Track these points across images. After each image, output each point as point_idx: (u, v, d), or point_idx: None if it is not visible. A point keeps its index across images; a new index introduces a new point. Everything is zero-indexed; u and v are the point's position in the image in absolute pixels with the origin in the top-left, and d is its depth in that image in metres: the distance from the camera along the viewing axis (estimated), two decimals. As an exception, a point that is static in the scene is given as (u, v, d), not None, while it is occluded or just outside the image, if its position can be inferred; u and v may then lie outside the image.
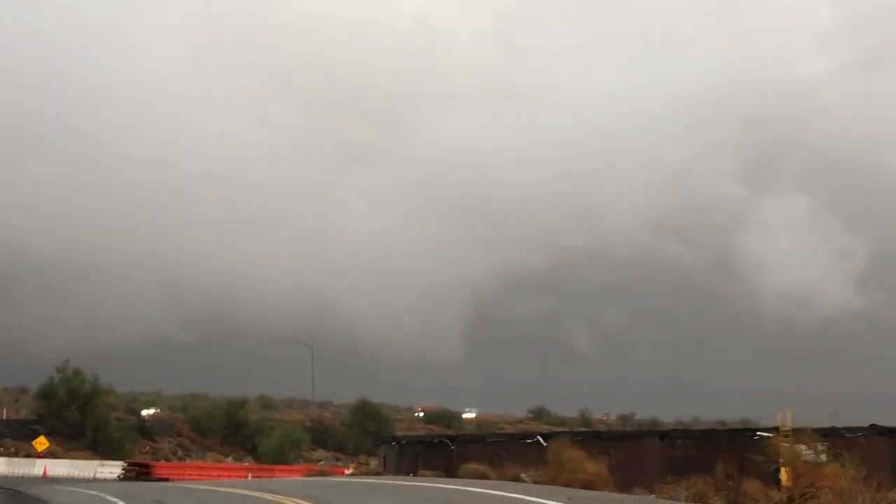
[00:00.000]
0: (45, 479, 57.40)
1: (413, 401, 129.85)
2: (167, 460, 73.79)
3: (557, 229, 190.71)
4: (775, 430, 44.65)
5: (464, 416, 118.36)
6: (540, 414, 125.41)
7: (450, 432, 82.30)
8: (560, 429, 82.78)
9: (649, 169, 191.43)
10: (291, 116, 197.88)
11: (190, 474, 60.76)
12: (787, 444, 41.00)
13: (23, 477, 59.06)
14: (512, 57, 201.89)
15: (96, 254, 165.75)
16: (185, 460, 75.86)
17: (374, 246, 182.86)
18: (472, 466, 41.73)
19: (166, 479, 57.97)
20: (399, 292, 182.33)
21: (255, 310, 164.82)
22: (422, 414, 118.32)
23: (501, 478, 37.99)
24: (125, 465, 63.53)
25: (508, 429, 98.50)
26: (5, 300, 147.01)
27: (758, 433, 45.89)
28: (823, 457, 36.73)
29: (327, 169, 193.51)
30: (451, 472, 44.30)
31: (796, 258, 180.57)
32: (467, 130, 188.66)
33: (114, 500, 33.15)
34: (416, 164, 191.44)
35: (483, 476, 38.81)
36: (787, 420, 44.87)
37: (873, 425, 48.14)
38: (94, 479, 58.68)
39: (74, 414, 76.46)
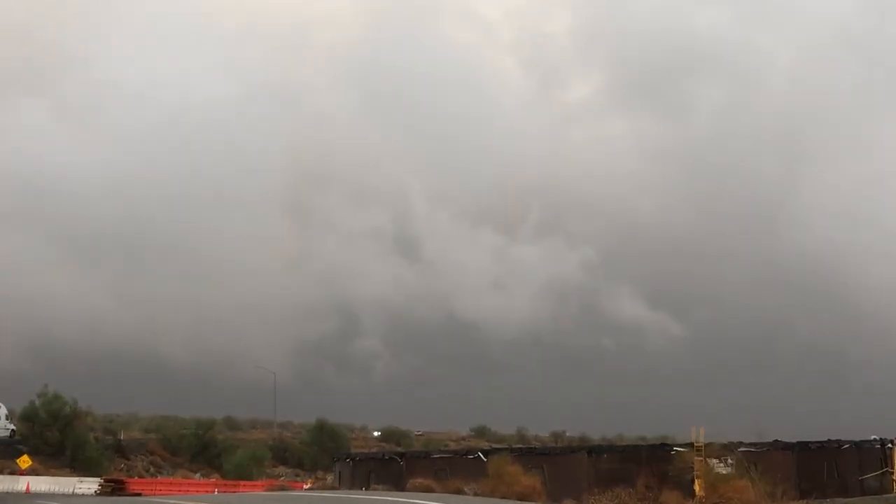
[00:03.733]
0: (28, 495, 56.83)
1: (367, 419, 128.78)
2: (140, 477, 72.73)
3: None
4: (690, 445, 45.01)
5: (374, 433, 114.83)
6: (481, 432, 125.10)
7: (399, 449, 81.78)
8: (499, 445, 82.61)
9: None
10: None
11: (161, 490, 60.18)
12: (699, 459, 41.35)
13: (7, 492, 58.30)
14: None
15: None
16: (157, 477, 74.92)
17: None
18: (419, 481, 41.45)
19: (139, 494, 57.32)
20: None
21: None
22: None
23: (446, 491, 37.80)
24: (102, 481, 62.83)
25: (452, 445, 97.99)
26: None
27: (674, 448, 46.16)
28: (733, 470, 37.07)
29: None
30: (399, 486, 44.03)
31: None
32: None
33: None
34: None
35: (429, 489, 38.59)
36: (700, 436, 45.25)
37: (776, 441, 48.61)
38: (73, 495, 58.04)
39: (55, 434, 75.85)
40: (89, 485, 61.98)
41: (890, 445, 50.15)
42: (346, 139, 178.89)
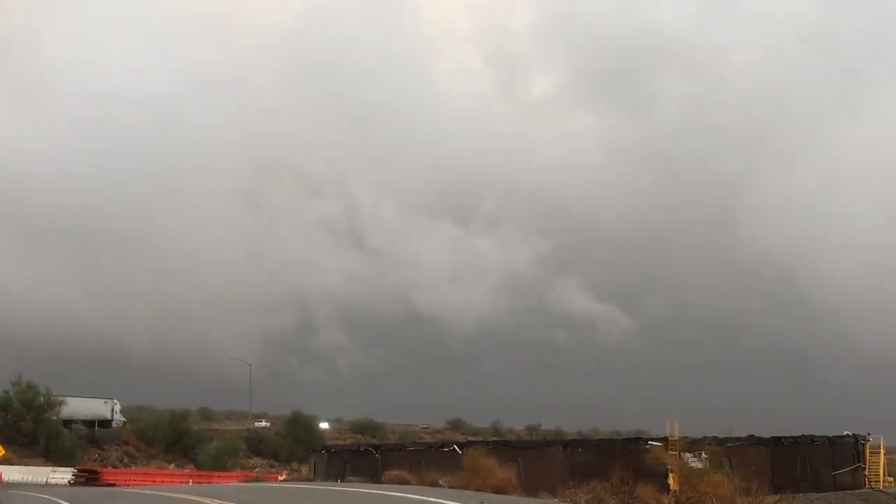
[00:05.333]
0: (2, 485, 56.41)
1: (342, 412, 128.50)
2: (115, 467, 72.30)
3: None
4: (665, 439, 45.10)
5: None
6: (457, 425, 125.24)
7: (375, 441, 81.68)
8: (474, 438, 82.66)
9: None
10: None
11: (135, 480, 59.91)
12: (674, 453, 41.45)
13: (-20, 482, 57.70)
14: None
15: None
16: (131, 467, 74.49)
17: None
18: (394, 473, 41.35)
19: (113, 485, 57.03)
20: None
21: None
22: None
23: (421, 483, 37.67)
24: (75, 471, 62.54)
25: (428, 438, 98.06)
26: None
27: (649, 442, 46.25)
28: (708, 464, 37.14)
29: None
30: (375, 478, 43.91)
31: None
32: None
33: (64, 503, 32.43)
34: None
35: (404, 482, 38.47)
36: (674, 430, 45.35)
37: (751, 435, 48.79)
38: (47, 485, 57.49)
39: (28, 424, 75.42)
40: (63, 475, 61.65)
41: (863, 441, 50.50)
42: (298, 132, 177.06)
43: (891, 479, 52.54)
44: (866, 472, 50.03)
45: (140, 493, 39.05)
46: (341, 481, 44.58)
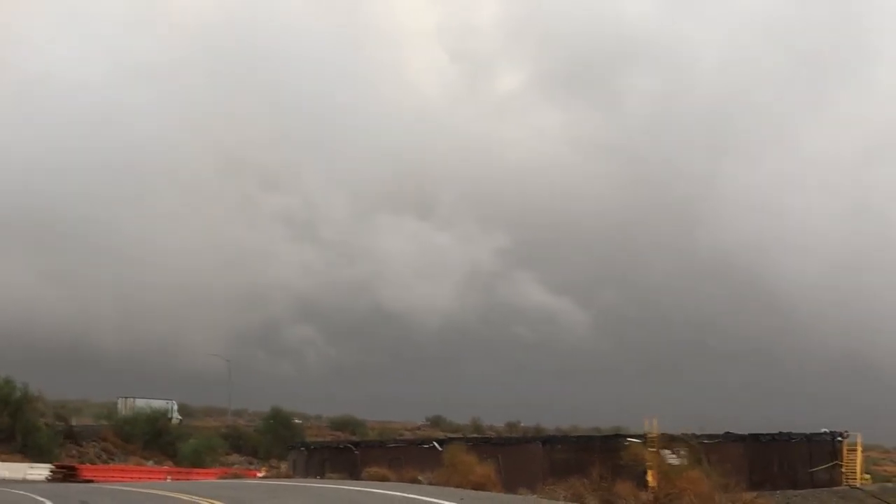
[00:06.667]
0: (-23, 481, 55.78)
1: (317, 408, 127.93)
2: (92, 464, 71.95)
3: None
4: (643, 436, 45.37)
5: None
6: (436, 421, 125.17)
7: (354, 438, 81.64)
8: (454, 435, 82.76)
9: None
10: None
11: (113, 476, 59.60)
12: (652, 450, 41.70)
13: (-45, 478, 57.24)
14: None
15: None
16: (109, 464, 74.16)
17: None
18: (374, 469, 41.37)
19: (91, 481, 56.66)
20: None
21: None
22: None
23: (401, 480, 37.75)
24: (53, 467, 62.11)
25: (408, 435, 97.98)
26: None
27: (628, 439, 46.53)
28: (686, 461, 37.38)
29: None
30: (354, 474, 43.96)
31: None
32: None
33: (42, 499, 32.24)
34: None
35: (384, 478, 38.52)
36: (653, 427, 45.63)
37: (728, 433, 49.12)
38: (24, 481, 57.03)
39: (5, 419, 74.76)
40: (40, 471, 61.21)
41: (840, 438, 50.95)
42: (254, 125, 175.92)
43: (867, 476, 53.05)
44: (843, 470, 50.45)
45: (118, 489, 38.90)
46: (321, 478, 44.59)
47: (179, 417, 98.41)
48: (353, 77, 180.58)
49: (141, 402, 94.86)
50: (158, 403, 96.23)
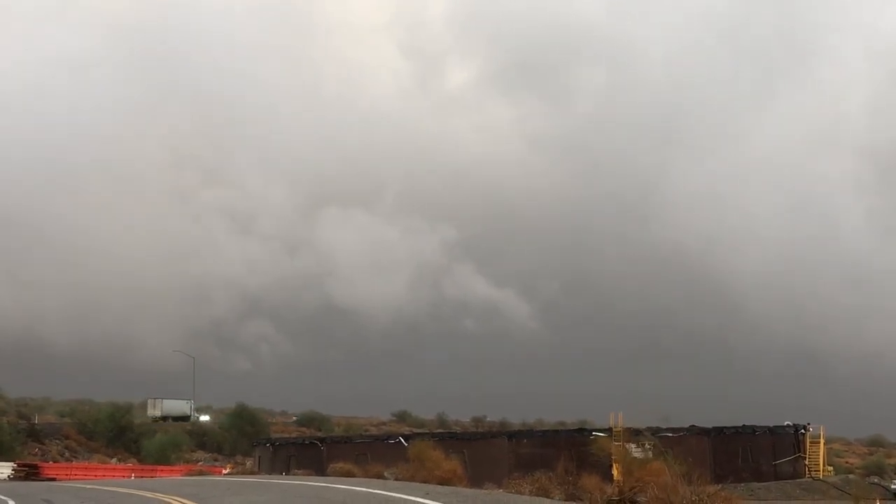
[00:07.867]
0: (-62, 480, 55.18)
1: (287, 404, 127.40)
2: (55, 461, 71.33)
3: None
4: (609, 430, 45.59)
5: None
6: (402, 417, 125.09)
7: (320, 434, 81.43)
8: (420, 430, 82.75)
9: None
10: None
11: (77, 474, 59.14)
12: (618, 444, 41.89)
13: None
14: None
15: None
16: (72, 462, 73.51)
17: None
18: (339, 465, 41.27)
19: (54, 479, 56.28)
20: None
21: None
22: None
23: (366, 476, 37.64)
24: (15, 465, 61.72)
25: (373, 430, 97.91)
26: None
27: (593, 433, 46.73)
28: (651, 454, 37.59)
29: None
30: (320, 471, 43.86)
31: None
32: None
33: (3, 498, 31.88)
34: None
35: (350, 474, 38.40)
36: (618, 421, 45.86)
37: (693, 426, 49.48)
38: (-15, 479, 56.61)
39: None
40: (2, 469, 60.93)
41: (803, 431, 51.45)
42: (196, 118, 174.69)
43: (830, 468, 53.59)
44: (807, 462, 50.96)
45: (81, 487, 38.56)
46: (286, 474, 44.45)
47: (197, 415, 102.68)
48: (300, 67, 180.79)
49: (168, 403, 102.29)
50: (180, 403, 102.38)
